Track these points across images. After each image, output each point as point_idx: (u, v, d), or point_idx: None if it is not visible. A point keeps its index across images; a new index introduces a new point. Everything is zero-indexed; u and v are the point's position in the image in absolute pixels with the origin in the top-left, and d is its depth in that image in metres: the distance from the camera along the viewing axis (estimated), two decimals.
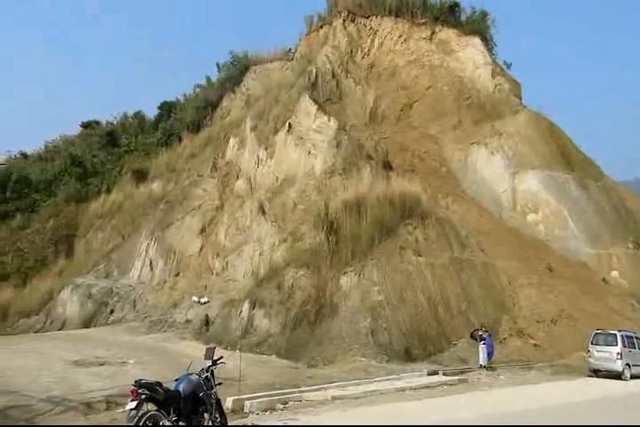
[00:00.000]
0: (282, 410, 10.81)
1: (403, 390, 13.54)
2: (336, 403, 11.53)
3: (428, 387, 13.99)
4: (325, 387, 13.11)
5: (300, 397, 11.89)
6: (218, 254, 24.98)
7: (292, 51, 33.06)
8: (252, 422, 9.88)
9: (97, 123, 42.21)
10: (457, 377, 15.37)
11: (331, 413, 10.57)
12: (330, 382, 13.62)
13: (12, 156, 41.39)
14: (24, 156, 42.77)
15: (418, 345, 17.29)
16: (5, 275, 32.00)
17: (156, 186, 31.73)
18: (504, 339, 18.38)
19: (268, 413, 10.57)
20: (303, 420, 9.96)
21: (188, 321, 22.14)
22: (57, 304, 26.83)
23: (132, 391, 6.95)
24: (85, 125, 42.63)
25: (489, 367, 16.63)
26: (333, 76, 27.98)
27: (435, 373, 15.76)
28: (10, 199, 36.99)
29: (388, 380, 14.54)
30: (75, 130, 42.91)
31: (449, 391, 13.48)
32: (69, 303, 26.35)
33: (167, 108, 38.32)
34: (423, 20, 29.56)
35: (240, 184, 26.99)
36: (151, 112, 39.91)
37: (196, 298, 23.27)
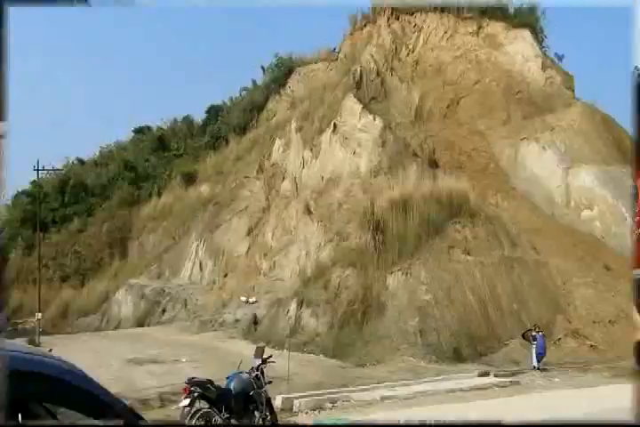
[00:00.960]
0: (330, 409, 10.80)
1: (453, 391, 13.30)
2: (385, 403, 11.43)
3: (479, 388, 13.69)
4: (374, 387, 13.02)
5: (349, 396, 11.86)
6: (265, 255, 25.24)
7: (337, 51, 33.08)
8: (302, 421, 9.91)
9: (148, 128, 43.47)
10: (509, 379, 14.97)
11: (380, 413, 10.47)
12: (378, 382, 13.51)
13: (70, 162, 43.10)
14: (80, 162, 44.46)
15: (467, 346, 16.94)
16: (65, 276, 33.38)
17: (204, 188, 32.38)
18: (558, 340, 17.77)
19: (317, 412, 10.58)
20: (352, 419, 9.92)
21: (236, 321, 22.46)
22: (112, 304, 27.73)
23: (184, 389, 7.10)
24: (137, 131, 43.96)
25: (542, 369, 16.12)
26: (378, 74, 27.82)
27: (486, 374, 15.41)
28: (68, 204, 38.57)
29: (437, 381, 14.32)
30: (127, 135, 44.26)
31: (501, 393, 13.14)
32: (124, 303, 27.19)
33: (214, 112, 39.07)
34: (469, 15, 28.93)
35: (285, 185, 27.19)
36: (199, 116, 40.74)
37: (244, 298, 23.58)
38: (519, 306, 18.37)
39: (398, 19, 30.04)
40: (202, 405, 7.09)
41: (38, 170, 28.45)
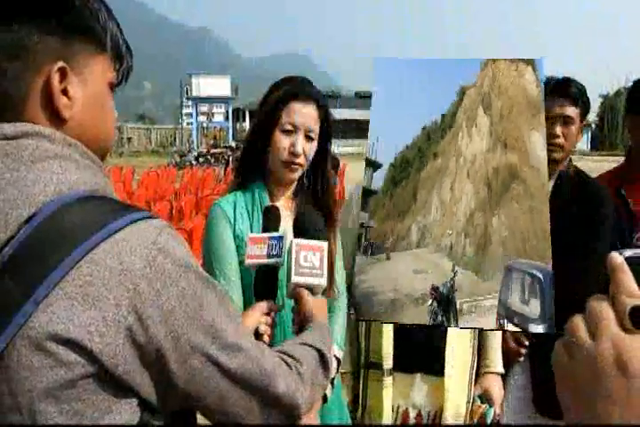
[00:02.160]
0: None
1: None
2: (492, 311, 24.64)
3: None
4: (486, 298, 27.71)
5: (476, 304, 27.46)
6: (454, 203, 42.38)
7: (476, 81, 45.20)
8: None
9: None
10: None
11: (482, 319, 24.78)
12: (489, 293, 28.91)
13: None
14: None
15: None
16: (399, 213, 55.68)
17: (438, 162, 49.74)
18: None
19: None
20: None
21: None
22: (410, 235, 49.48)
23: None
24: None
25: None
26: (488, 93, 40.22)
27: None
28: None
29: None
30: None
31: None
32: (414, 234, 48.55)
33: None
34: (512, 59, 38.20)
35: (460, 160, 42.91)
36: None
37: (447, 231, 41.28)
38: (537, 241, 31.17)
39: (494, 63, 41.21)
40: (435, 305, 21.09)
41: None
